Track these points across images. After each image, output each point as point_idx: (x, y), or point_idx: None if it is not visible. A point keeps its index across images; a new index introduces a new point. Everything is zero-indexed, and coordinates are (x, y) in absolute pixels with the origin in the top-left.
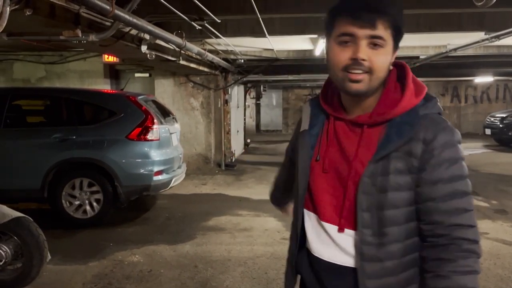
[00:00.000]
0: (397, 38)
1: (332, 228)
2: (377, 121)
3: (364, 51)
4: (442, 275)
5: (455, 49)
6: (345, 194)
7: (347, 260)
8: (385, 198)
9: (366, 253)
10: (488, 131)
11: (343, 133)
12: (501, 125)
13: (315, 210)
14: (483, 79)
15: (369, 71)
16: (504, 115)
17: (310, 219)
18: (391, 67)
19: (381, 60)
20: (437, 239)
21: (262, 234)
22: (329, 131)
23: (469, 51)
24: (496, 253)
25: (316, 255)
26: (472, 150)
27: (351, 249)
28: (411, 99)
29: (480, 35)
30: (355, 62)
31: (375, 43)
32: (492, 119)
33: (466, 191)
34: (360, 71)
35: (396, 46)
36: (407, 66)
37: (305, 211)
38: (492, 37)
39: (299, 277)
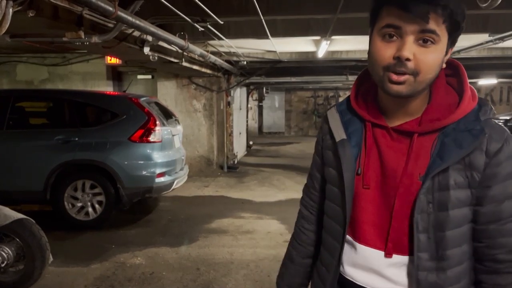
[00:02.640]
0: (454, 34)
1: (374, 254)
2: (430, 128)
3: (410, 49)
4: None
5: (458, 51)
6: (391, 214)
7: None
8: (445, 216)
9: (423, 279)
10: None
11: (386, 143)
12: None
13: (352, 233)
14: (487, 81)
15: (413, 74)
16: (508, 118)
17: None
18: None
19: (430, 59)
20: (498, 265)
21: (264, 237)
22: (367, 140)
23: (473, 53)
24: None
25: (348, 277)
26: None
27: (397, 277)
28: (470, 103)
29: (484, 37)
30: (398, 61)
31: (425, 38)
32: (495, 121)
33: None
34: (402, 72)
35: (452, 43)
36: (461, 65)
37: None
38: (496, 39)
39: None
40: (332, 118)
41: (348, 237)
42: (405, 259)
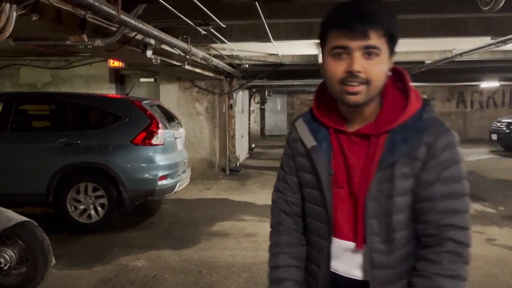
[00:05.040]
0: (392, 44)
1: (349, 246)
2: (383, 130)
3: (359, 63)
4: (425, 276)
5: (460, 54)
6: (356, 208)
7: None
8: (391, 203)
9: (376, 261)
10: (494, 137)
11: (347, 147)
12: (507, 130)
13: (333, 230)
14: (489, 84)
15: (366, 82)
16: (510, 120)
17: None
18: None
19: (377, 69)
20: (428, 239)
21: (266, 240)
22: (333, 145)
23: (475, 56)
24: (503, 259)
25: (333, 270)
26: (478, 156)
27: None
28: (414, 105)
29: (486, 40)
30: (351, 74)
31: (369, 52)
32: (498, 124)
33: (464, 192)
34: (356, 83)
35: (391, 52)
36: (405, 71)
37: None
38: (498, 42)
39: None
40: (300, 128)
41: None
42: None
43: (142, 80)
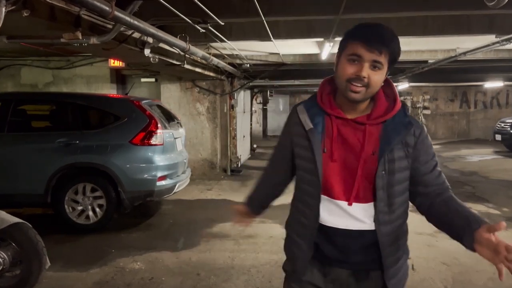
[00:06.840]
0: (391, 64)
1: (343, 204)
2: (376, 122)
3: (366, 71)
4: (452, 199)
5: (464, 53)
6: (354, 178)
7: (359, 225)
8: (393, 178)
9: (381, 219)
10: (498, 137)
11: (346, 130)
12: (511, 131)
13: (326, 192)
14: (493, 84)
15: (367, 86)
16: None
17: (321, 201)
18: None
19: (377, 79)
20: (439, 191)
21: (267, 241)
22: (333, 128)
23: (479, 55)
24: None
25: (331, 226)
26: (482, 156)
27: (363, 217)
28: (398, 105)
29: (490, 38)
30: (358, 77)
31: (375, 66)
32: (502, 124)
33: (437, 162)
34: (360, 85)
35: (389, 69)
36: (391, 81)
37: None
38: (503, 40)
39: None
40: (301, 113)
41: (324, 196)
42: (363, 206)
43: (143, 80)
